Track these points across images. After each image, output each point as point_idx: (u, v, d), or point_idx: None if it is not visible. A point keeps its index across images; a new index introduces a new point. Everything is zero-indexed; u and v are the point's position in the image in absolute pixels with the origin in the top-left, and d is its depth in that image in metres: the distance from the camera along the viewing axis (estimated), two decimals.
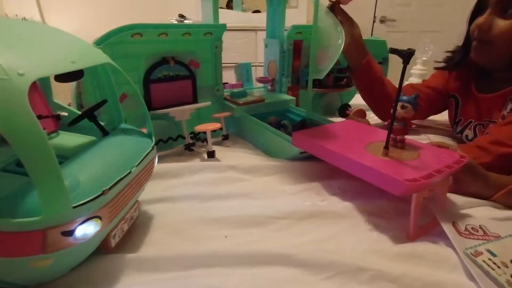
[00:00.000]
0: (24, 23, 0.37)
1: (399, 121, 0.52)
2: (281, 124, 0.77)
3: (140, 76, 0.69)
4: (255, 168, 0.63)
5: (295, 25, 0.90)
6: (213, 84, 0.81)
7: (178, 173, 0.61)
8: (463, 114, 0.81)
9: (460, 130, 0.81)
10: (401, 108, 0.51)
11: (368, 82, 0.85)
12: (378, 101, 0.88)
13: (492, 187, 0.55)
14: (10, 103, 0.25)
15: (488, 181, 0.55)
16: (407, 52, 0.44)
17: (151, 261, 0.39)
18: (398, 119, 0.52)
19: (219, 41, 0.78)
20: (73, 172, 0.33)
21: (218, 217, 0.48)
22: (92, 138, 0.45)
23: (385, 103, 0.85)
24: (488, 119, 0.73)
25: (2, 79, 0.25)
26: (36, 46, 0.32)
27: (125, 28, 0.62)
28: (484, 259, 0.39)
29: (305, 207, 0.51)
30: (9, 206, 0.28)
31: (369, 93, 0.88)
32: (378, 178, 0.45)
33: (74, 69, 0.32)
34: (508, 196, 0.54)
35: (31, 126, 0.26)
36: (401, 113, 0.51)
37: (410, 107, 0.51)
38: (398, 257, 0.41)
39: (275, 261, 0.39)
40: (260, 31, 2.17)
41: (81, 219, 0.30)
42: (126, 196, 0.38)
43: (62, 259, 0.32)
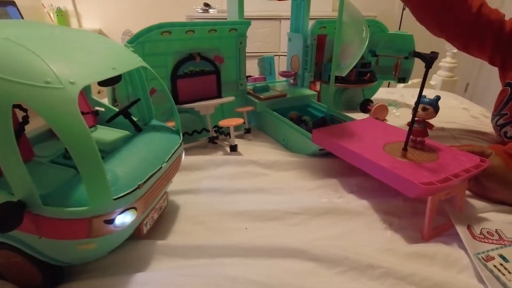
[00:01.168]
0: (70, 31, 0.40)
1: (420, 123, 0.53)
2: (302, 119, 0.79)
3: (168, 72, 0.73)
4: (275, 163, 0.66)
5: (319, 20, 0.89)
6: (237, 78, 0.83)
7: (203, 166, 0.65)
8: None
9: (501, 124, 0.74)
10: (422, 110, 0.52)
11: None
12: (444, 10, 0.74)
13: None
14: (64, 109, 0.29)
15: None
16: (430, 57, 0.44)
17: (178, 248, 0.43)
18: (418, 121, 0.53)
19: (244, 37, 0.80)
20: (112, 167, 0.37)
21: (239, 210, 0.52)
22: (126, 133, 0.49)
23: (454, 8, 0.73)
24: None
25: (58, 88, 0.29)
26: (82, 54, 0.35)
27: (154, 27, 0.65)
28: (495, 264, 0.40)
29: (322, 204, 0.53)
30: (61, 196, 0.33)
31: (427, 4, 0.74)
32: (394, 179, 0.46)
33: (114, 75, 0.36)
34: None
35: (81, 129, 0.29)
36: (422, 115, 0.52)
37: (431, 109, 0.51)
38: (410, 256, 0.43)
39: (291, 254, 0.42)
40: (284, 19, 2.15)
41: (120, 210, 0.34)
42: (157, 189, 0.42)
43: (103, 243, 0.37)
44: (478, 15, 0.74)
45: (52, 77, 0.29)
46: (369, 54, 1.03)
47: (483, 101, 1.15)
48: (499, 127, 0.76)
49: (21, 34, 0.32)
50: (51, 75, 0.29)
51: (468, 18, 0.75)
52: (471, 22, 0.74)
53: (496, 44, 0.75)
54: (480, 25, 0.74)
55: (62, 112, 0.29)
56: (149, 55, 0.68)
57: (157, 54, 0.70)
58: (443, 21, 0.77)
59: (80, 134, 0.29)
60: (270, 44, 2.22)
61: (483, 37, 0.76)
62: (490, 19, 0.74)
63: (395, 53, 0.99)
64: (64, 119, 0.29)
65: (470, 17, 0.75)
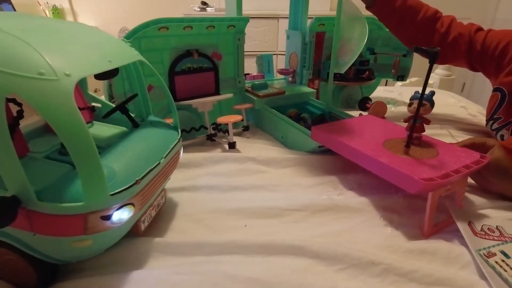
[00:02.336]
0: (63, 23, 0.39)
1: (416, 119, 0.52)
2: (301, 117, 0.78)
3: (165, 68, 0.72)
4: (274, 160, 0.65)
5: (317, 17, 0.89)
6: (235, 75, 0.83)
7: (201, 163, 0.64)
8: (505, 112, 0.74)
9: (496, 128, 0.76)
10: (409, 106, 0.51)
11: (395, 14, 0.80)
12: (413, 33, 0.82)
13: None
14: (59, 101, 0.28)
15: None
16: (434, 52, 0.44)
17: (176, 246, 0.42)
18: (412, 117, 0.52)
19: (242, 34, 0.79)
20: (109, 162, 0.36)
21: (238, 207, 0.51)
22: (123, 129, 0.49)
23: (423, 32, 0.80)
24: None
25: (53, 80, 0.28)
26: (78, 46, 0.34)
27: (151, 23, 0.65)
28: (497, 260, 0.40)
29: (321, 200, 0.53)
30: (56, 192, 0.32)
31: (399, 26, 0.83)
32: (395, 175, 0.46)
33: (111, 68, 0.35)
34: None
35: (77, 122, 0.29)
36: (413, 111, 0.51)
37: (428, 104, 0.51)
38: (411, 252, 0.42)
39: (290, 251, 0.42)
40: (282, 18, 2.15)
41: (117, 206, 0.34)
42: (155, 185, 0.41)
43: (99, 240, 0.36)
44: (447, 33, 0.79)
45: (46, 69, 0.28)
46: (368, 52, 1.03)
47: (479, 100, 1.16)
48: (495, 131, 0.77)
49: (14, 25, 0.31)
50: (45, 67, 0.28)
51: (438, 37, 0.80)
52: (442, 40, 0.80)
53: (470, 55, 0.79)
54: (451, 41, 0.79)
55: (56, 105, 0.28)
56: (146, 51, 0.67)
57: (154, 50, 0.69)
58: (417, 41, 0.82)
59: (76, 127, 0.28)
60: (268, 43, 2.22)
61: (456, 51, 0.80)
62: (460, 34, 0.78)
63: (394, 51, 0.99)
64: (59, 112, 0.28)
65: (440, 36, 0.80)
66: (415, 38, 0.83)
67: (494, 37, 0.76)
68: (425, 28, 0.81)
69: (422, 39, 0.81)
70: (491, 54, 0.76)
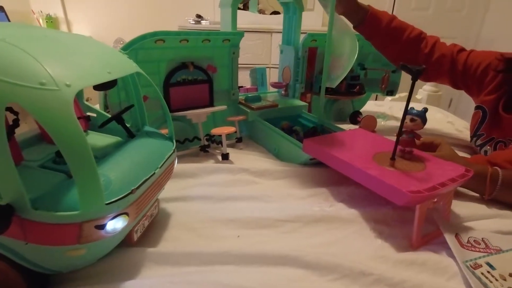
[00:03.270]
0: (64, 34, 0.40)
1: (408, 134, 0.54)
2: (293, 129, 0.80)
3: (161, 80, 0.73)
4: (267, 172, 0.66)
5: (310, 33, 0.92)
6: (229, 88, 0.84)
7: (194, 173, 0.64)
8: (487, 129, 0.79)
9: (480, 144, 0.80)
10: (410, 121, 0.53)
11: (381, 35, 0.84)
12: (398, 52, 0.86)
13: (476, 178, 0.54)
14: (59, 111, 0.28)
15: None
16: (416, 70, 0.46)
17: (170, 256, 0.42)
18: (406, 132, 0.54)
19: (237, 47, 0.81)
20: (105, 171, 0.36)
21: (231, 217, 0.51)
22: (118, 138, 0.49)
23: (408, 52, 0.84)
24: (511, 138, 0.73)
25: (54, 90, 0.29)
26: (78, 57, 0.35)
27: (148, 35, 0.66)
28: (483, 271, 0.41)
29: (313, 212, 0.54)
30: (51, 201, 0.32)
31: (385, 46, 0.87)
32: (383, 188, 0.47)
33: (110, 79, 0.36)
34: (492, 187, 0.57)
35: (76, 132, 0.29)
36: (410, 126, 0.53)
37: (419, 120, 0.53)
38: (400, 263, 0.43)
39: (283, 261, 0.42)
40: (275, 33, 2.20)
41: (112, 215, 0.34)
42: (149, 194, 0.41)
43: (93, 250, 0.36)
44: (431, 53, 0.84)
45: (47, 79, 0.29)
46: (359, 67, 1.06)
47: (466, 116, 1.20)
48: (479, 147, 0.81)
49: (15, 35, 0.32)
50: (46, 77, 0.29)
51: (423, 56, 0.84)
52: (426, 59, 0.84)
53: (453, 74, 0.84)
54: (435, 61, 0.83)
55: (57, 114, 0.29)
56: (142, 62, 0.68)
57: (150, 62, 0.70)
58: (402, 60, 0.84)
59: (75, 136, 0.29)
60: (262, 56, 2.26)
61: (439, 70, 0.84)
62: (443, 54, 0.83)
63: (383, 66, 1.02)
64: (59, 122, 0.29)
65: (424, 56, 0.84)
66: (400, 58, 0.87)
67: (475, 58, 0.80)
68: (410, 48, 0.85)
69: (408, 59, 0.85)
70: (472, 74, 0.80)
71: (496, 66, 0.77)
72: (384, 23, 0.83)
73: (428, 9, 2.54)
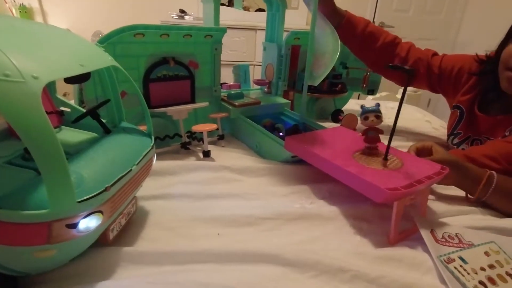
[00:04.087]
0: (34, 24, 0.38)
1: (368, 131, 0.55)
2: (275, 127, 0.80)
3: (140, 75, 0.71)
4: (248, 169, 0.66)
5: (293, 31, 0.92)
6: (211, 84, 0.83)
7: (175, 171, 0.63)
8: (464, 128, 0.81)
9: (457, 143, 0.83)
10: (377, 118, 0.54)
11: (357, 40, 0.86)
12: (375, 57, 0.89)
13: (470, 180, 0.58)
14: (25, 104, 0.27)
15: (466, 173, 0.58)
16: (410, 70, 0.47)
17: (147, 255, 0.41)
18: (369, 129, 0.55)
19: (219, 44, 0.80)
20: (77, 168, 0.35)
21: (212, 216, 0.51)
22: (93, 134, 0.47)
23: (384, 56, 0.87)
24: (487, 136, 0.76)
25: (18, 82, 0.27)
26: (48, 48, 0.33)
27: (126, 29, 0.64)
28: (455, 265, 0.43)
29: (294, 209, 0.54)
30: (17, 199, 0.30)
31: (361, 50, 0.90)
32: (362, 185, 0.48)
33: (83, 72, 0.34)
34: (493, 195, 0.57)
35: (44, 127, 0.28)
36: (368, 123, 0.54)
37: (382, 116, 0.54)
38: (378, 259, 0.44)
39: (264, 259, 0.42)
40: (260, 30, 2.19)
41: (84, 213, 0.33)
42: (126, 192, 0.40)
43: (64, 250, 0.34)
44: (407, 57, 0.87)
45: (12, 70, 0.27)
46: (341, 66, 1.07)
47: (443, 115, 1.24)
48: (456, 145, 0.84)
49: None
50: (11, 68, 0.27)
51: (399, 61, 0.87)
52: (403, 64, 0.87)
53: (429, 78, 0.87)
54: (411, 65, 0.86)
55: (22, 108, 0.27)
56: (120, 57, 0.66)
57: (128, 56, 0.68)
58: (379, 64, 0.91)
59: (42, 131, 0.27)
60: (245, 53, 2.25)
61: (417, 74, 0.87)
62: (419, 58, 0.86)
63: (364, 66, 1.04)
64: (24, 115, 0.27)
65: (400, 60, 0.87)
66: (377, 62, 0.90)
67: (448, 61, 0.84)
68: (385, 53, 0.88)
69: (384, 63, 0.86)
70: (448, 76, 0.84)
71: (469, 68, 0.81)
72: (359, 29, 0.85)
73: (408, 11, 2.60)
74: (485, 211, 0.58)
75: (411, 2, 2.57)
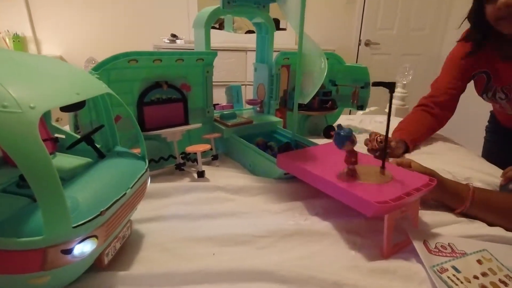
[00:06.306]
0: (30, 56, 0.40)
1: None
2: (268, 145, 0.81)
3: (134, 99, 0.73)
4: (242, 189, 0.66)
5: (282, 51, 0.95)
6: (204, 106, 0.85)
7: (169, 193, 0.64)
8: (496, 83, 0.91)
9: (491, 95, 0.94)
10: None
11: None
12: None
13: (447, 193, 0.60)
14: (22, 134, 0.28)
15: (444, 187, 0.60)
16: (390, 82, 0.50)
17: (143, 278, 0.41)
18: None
19: (210, 66, 0.82)
20: (73, 193, 0.35)
21: (207, 235, 0.51)
22: (87, 160, 0.48)
23: (438, 124, 1.01)
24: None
25: (16, 113, 0.28)
26: (44, 78, 0.35)
27: (121, 56, 0.66)
28: (449, 275, 0.43)
29: (288, 226, 0.54)
30: (12, 226, 0.31)
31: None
32: (353, 199, 0.49)
33: (78, 100, 0.36)
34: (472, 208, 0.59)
35: (41, 155, 0.29)
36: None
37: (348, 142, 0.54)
38: (373, 272, 0.44)
39: (259, 277, 0.42)
40: (250, 51, 2.25)
41: (79, 238, 0.33)
42: (120, 216, 0.40)
43: (59, 276, 0.34)
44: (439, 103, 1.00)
45: (10, 101, 0.28)
46: (330, 84, 1.11)
47: None
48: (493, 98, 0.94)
49: None
50: (9, 99, 0.28)
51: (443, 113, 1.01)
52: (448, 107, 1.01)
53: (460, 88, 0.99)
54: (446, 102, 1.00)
55: (19, 137, 0.28)
56: (114, 82, 0.68)
57: (123, 81, 0.70)
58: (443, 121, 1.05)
59: (39, 159, 0.28)
60: (237, 74, 2.30)
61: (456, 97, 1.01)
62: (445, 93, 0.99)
63: (353, 82, 1.07)
64: (22, 145, 0.28)
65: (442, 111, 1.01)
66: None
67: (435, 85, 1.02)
68: (435, 123, 1.01)
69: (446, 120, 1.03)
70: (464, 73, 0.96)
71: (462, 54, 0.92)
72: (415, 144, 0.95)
73: (393, 28, 2.70)
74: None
75: (395, 20, 2.68)
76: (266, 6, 0.85)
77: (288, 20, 0.78)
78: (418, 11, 2.66)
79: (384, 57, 2.74)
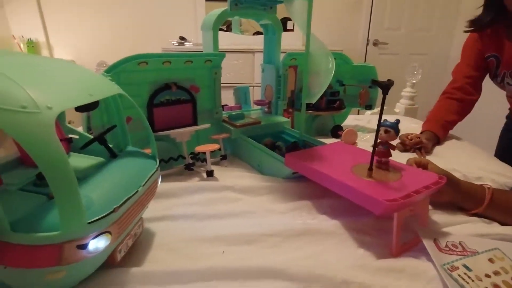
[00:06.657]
0: (45, 59, 0.41)
1: (383, 145, 0.57)
2: (276, 145, 0.81)
3: (144, 101, 0.74)
4: (251, 188, 0.67)
5: (290, 52, 0.96)
6: (212, 107, 0.86)
7: (179, 193, 0.65)
8: (506, 66, 0.92)
9: (500, 81, 0.96)
10: (384, 133, 0.56)
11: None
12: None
13: (462, 194, 0.59)
14: (41, 133, 0.29)
15: (460, 189, 0.59)
16: (385, 84, 0.49)
17: (154, 275, 0.42)
18: (382, 143, 0.57)
19: (218, 68, 0.83)
20: (87, 192, 0.37)
21: (215, 235, 0.52)
22: (100, 159, 0.49)
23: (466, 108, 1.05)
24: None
25: (35, 113, 0.29)
26: (59, 81, 0.36)
27: (130, 58, 0.68)
28: (459, 273, 0.43)
29: (296, 225, 0.55)
30: (30, 222, 0.32)
31: None
32: (362, 198, 0.49)
33: (91, 101, 0.37)
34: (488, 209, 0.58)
35: (58, 153, 0.30)
36: (384, 137, 0.56)
37: (392, 131, 0.56)
38: (381, 271, 0.44)
39: (268, 275, 0.42)
40: (258, 52, 2.26)
41: (94, 234, 0.34)
42: (132, 213, 0.41)
43: (73, 271, 0.36)
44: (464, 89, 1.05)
45: (28, 102, 0.30)
46: (337, 84, 1.11)
47: None
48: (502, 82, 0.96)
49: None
50: (28, 100, 0.30)
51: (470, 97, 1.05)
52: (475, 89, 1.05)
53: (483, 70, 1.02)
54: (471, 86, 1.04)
55: (38, 136, 0.29)
56: (124, 84, 0.69)
57: (132, 84, 0.71)
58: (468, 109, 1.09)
59: (57, 158, 0.30)
60: (244, 75, 2.31)
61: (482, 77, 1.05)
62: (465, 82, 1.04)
63: (360, 82, 1.07)
64: (41, 144, 0.29)
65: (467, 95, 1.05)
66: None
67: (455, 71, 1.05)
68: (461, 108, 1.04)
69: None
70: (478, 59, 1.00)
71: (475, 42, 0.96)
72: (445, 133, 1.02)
73: (400, 28, 2.69)
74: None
75: (402, 20, 2.66)
76: (273, 7, 0.86)
77: (295, 21, 0.79)
78: (425, 10, 2.64)
79: (392, 57, 2.72)
